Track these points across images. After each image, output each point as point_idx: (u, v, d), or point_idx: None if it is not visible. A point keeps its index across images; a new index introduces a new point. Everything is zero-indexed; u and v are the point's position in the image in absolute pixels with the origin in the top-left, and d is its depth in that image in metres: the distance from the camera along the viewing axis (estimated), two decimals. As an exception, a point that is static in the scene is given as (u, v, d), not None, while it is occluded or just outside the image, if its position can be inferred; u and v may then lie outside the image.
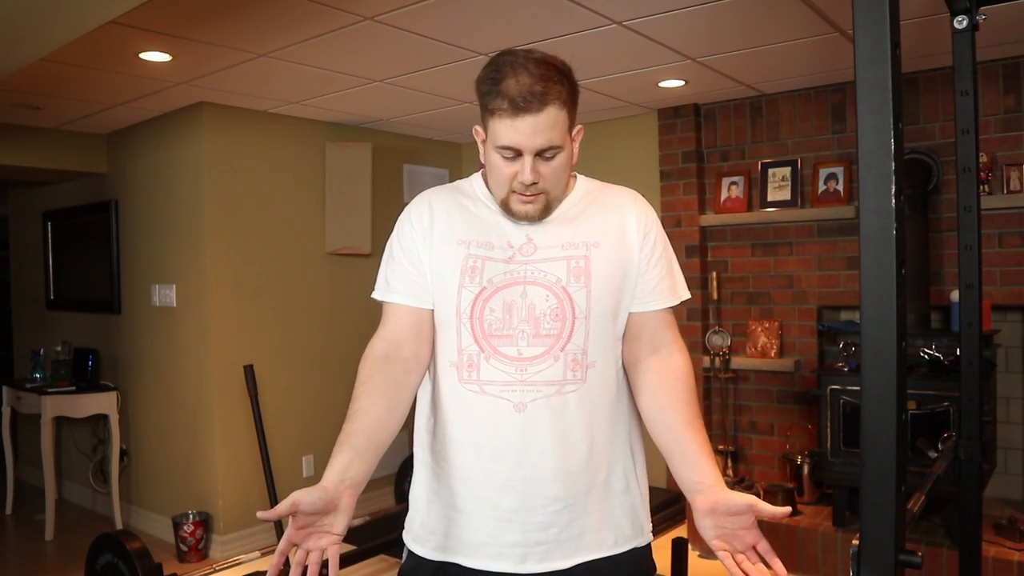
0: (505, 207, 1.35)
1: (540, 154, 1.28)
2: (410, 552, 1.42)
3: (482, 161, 1.39)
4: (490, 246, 1.35)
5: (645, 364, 1.38)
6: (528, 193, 1.31)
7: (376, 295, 1.43)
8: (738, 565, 1.21)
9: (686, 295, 1.45)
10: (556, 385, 1.30)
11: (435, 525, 1.38)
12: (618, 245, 1.38)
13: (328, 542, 1.19)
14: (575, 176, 1.46)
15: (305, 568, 1.16)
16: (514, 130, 1.25)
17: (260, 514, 1.18)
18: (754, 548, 1.22)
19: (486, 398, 1.31)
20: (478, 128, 1.37)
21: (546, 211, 1.35)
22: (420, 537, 1.40)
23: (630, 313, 1.39)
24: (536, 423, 1.30)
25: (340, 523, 1.21)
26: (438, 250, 1.37)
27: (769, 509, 1.19)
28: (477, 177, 1.46)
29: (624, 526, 1.39)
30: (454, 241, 1.36)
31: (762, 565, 1.20)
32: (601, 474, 1.36)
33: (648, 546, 1.44)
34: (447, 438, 1.36)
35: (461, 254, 1.35)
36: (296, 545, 1.18)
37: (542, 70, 1.26)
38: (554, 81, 1.26)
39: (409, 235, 1.40)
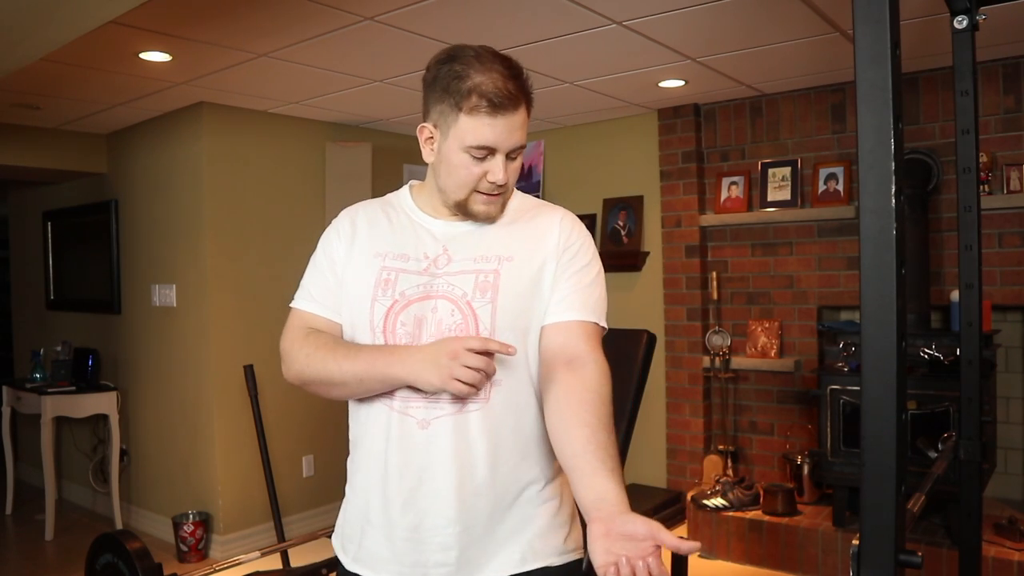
0: (462, 208, 1.32)
1: (508, 154, 1.28)
2: (338, 559, 1.41)
3: (428, 161, 1.34)
4: (405, 258, 1.33)
5: (554, 376, 1.27)
6: (495, 193, 1.30)
7: (300, 305, 1.39)
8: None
9: (600, 321, 1.34)
10: (459, 403, 1.26)
11: (351, 534, 1.36)
12: (532, 259, 1.32)
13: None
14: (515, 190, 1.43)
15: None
16: (492, 129, 1.24)
17: None
18: None
19: (394, 415, 1.28)
20: (427, 127, 1.31)
21: (502, 211, 1.35)
22: (342, 545, 1.39)
23: (542, 327, 1.32)
24: (438, 441, 1.25)
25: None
26: (355, 263, 1.35)
27: (673, 540, 1.02)
28: (405, 191, 1.44)
29: (536, 545, 1.30)
30: (371, 254, 1.34)
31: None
32: (507, 497, 1.29)
33: (569, 565, 1.33)
34: (361, 451, 1.34)
35: (376, 267, 1.32)
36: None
37: (507, 68, 1.25)
38: (521, 79, 1.27)
39: (335, 246, 1.38)
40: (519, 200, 1.41)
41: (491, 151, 1.26)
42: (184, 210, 3.99)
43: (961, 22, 1.85)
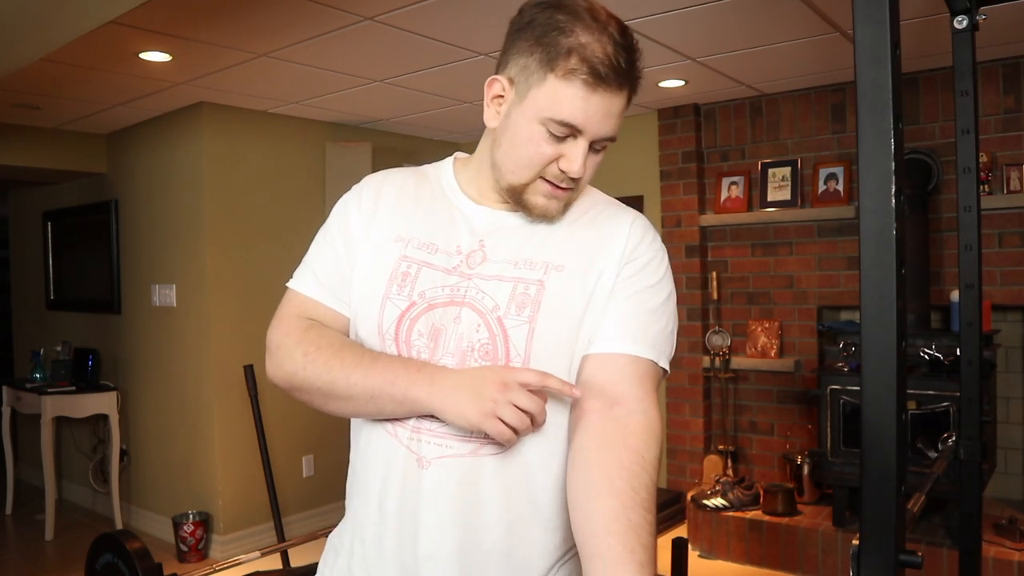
0: (516, 195, 1.03)
1: (592, 143, 1.00)
2: None
3: (490, 124, 1.05)
4: (433, 248, 1.05)
5: (586, 424, 0.97)
6: (564, 186, 1.02)
7: (301, 287, 1.15)
8: None
9: (661, 362, 1.04)
10: (471, 443, 0.98)
11: None
12: (589, 270, 1.03)
13: None
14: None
15: None
16: (584, 104, 0.95)
17: None
18: None
19: (393, 443, 1.01)
20: (500, 80, 1.02)
21: (564, 211, 1.07)
22: None
23: (584, 355, 1.02)
24: (439, 488, 0.98)
25: None
26: (373, 245, 1.08)
27: None
28: (447, 164, 1.15)
29: None
30: (391, 237, 1.07)
31: None
32: (527, 572, 1.01)
33: None
34: (358, 484, 1.08)
35: (394, 254, 1.06)
36: None
37: (624, 37, 0.97)
38: (635, 55, 0.98)
39: (354, 219, 1.11)
40: (584, 195, 1.11)
41: (575, 132, 0.98)
42: (184, 210, 3.99)
43: (961, 22, 1.85)
